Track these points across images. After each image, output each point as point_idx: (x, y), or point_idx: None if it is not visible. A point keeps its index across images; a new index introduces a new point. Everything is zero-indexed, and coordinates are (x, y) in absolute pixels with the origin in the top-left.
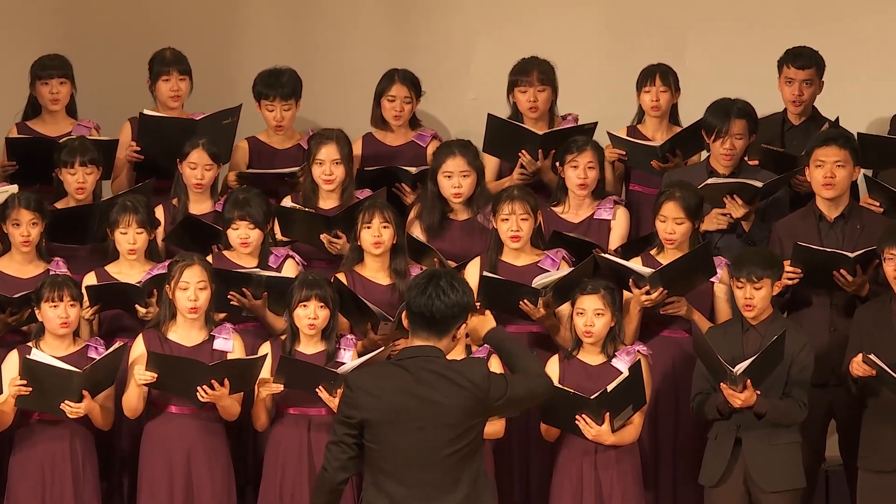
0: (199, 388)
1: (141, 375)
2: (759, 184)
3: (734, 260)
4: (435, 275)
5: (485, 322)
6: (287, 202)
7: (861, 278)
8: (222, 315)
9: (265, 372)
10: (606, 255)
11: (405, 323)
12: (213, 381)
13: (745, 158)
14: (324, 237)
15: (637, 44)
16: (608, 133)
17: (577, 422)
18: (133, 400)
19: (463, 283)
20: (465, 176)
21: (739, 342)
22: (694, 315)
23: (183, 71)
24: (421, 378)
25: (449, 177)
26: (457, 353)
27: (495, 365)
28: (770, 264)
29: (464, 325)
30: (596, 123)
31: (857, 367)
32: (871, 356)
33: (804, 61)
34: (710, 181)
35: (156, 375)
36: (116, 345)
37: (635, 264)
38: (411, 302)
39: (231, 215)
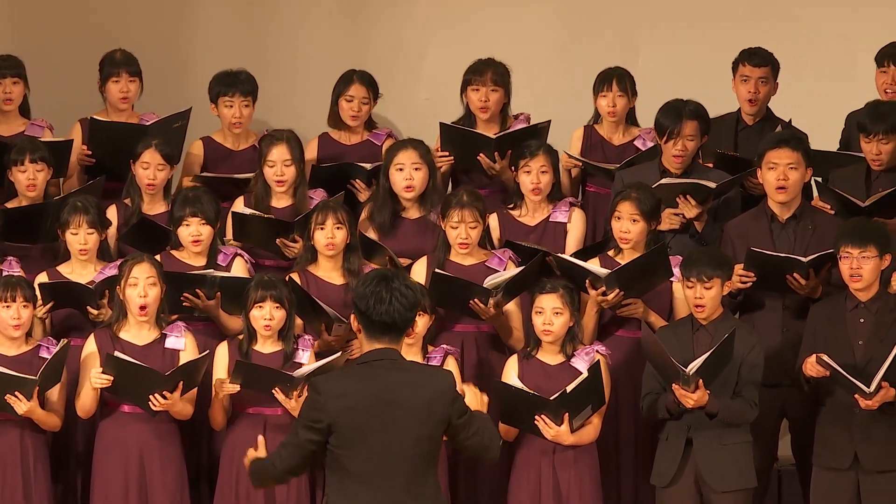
0: (151, 396)
1: (97, 379)
2: (712, 185)
3: (684, 260)
4: (385, 278)
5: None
6: (240, 203)
7: (814, 281)
8: (175, 315)
9: (222, 372)
10: (563, 256)
11: (355, 326)
12: (157, 395)
13: (699, 160)
14: (279, 241)
15: (590, 44)
16: (565, 152)
17: (536, 422)
18: (88, 401)
19: (412, 282)
20: (416, 169)
21: (689, 342)
22: (650, 316)
23: (133, 72)
24: (389, 381)
25: (401, 169)
26: (414, 355)
27: (451, 364)
28: (720, 264)
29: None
30: (549, 122)
31: (811, 367)
32: (825, 357)
33: (760, 59)
34: (663, 181)
35: (112, 378)
36: (62, 342)
37: (592, 265)
38: (369, 311)
39: (182, 212)
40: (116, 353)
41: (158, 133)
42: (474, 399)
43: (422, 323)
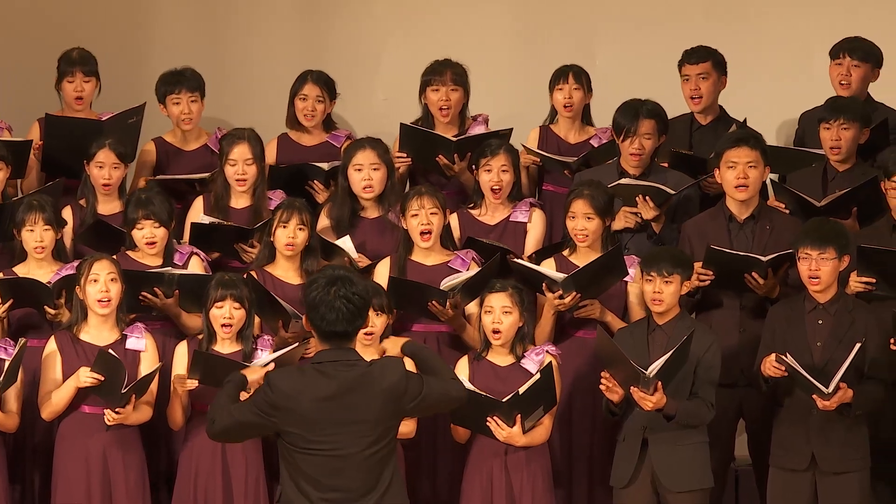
0: (106, 411)
1: (87, 377)
2: (671, 191)
3: (646, 256)
4: (334, 283)
5: (396, 343)
6: (198, 206)
7: (772, 281)
8: (133, 315)
9: (181, 369)
10: (519, 260)
11: (307, 325)
12: (109, 411)
13: (656, 159)
14: (237, 246)
15: (547, 45)
16: (522, 145)
17: (488, 424)
18: (61, 405)
19: (361, 285)
20: (375, 169)
21: (645, 343)
22: (607, 317)
23: (88, 72)
24: (337, 383)
25: (359, 170)
26: (370, 355)
27: (409, 365)
28: (681, 262)
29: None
30: (510, 130)
31: (770, 367)
32: (785, 356)
33: (698, 56)
34: (622, 181)
35: (102, 378)
36: (20, 343)
37: (548, 269)
38: (320, 313)
39: (135, 215)
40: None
41: (114, 129)
42: (394, 349)
43: (380, 323)
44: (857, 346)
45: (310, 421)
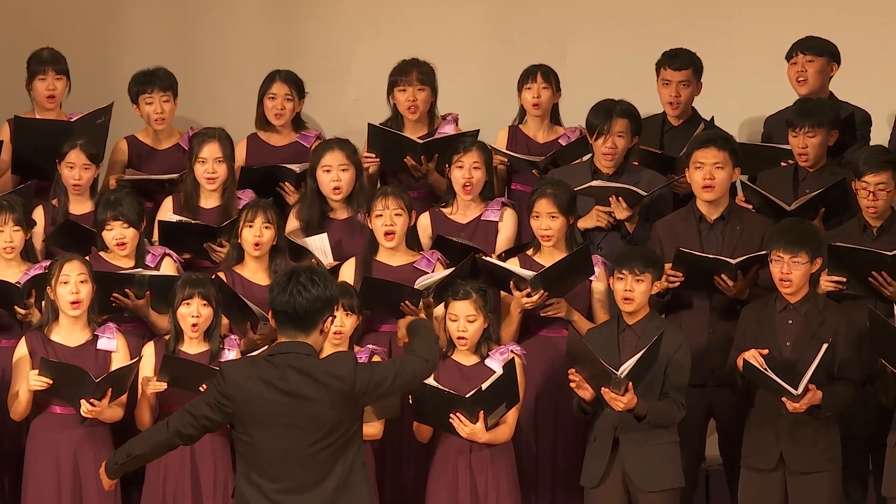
0: (81, 401)
1: (35, 381)
2: (644, 193)
3: (618, 255)
4: (295, 271)
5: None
6: (167, 206)
7: (742, 283)
8: (104, 316)
9: (149, 371)
10: (487, 259)
11: (272, 321)
12: (85, 400)
13: (630, 159)
14: (206, 245)
15: (517, 45)
16: (490, 146)
17: (451, 420)
18: (23, 405)
19: (324, 278)
20: (343, 170)
21: (615, 342)
22: (574, 315)
23: (60, 71)
24: (287, 375)
25: (328, 171)
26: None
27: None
28: (652, 262)
29: (330, 319)
30: (477, 131)
31: (751, 356)
32: (759, 358)
33: (680, 63)
34: (595, 183)
35: (50, 382)
36: None
37: (516, 267)
38: (274, 300)
39: (104, 216)
40: (45, 357)
41: (82, 130)
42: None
43: (350, 323)
44: (824, 346)
45: (260, 412)
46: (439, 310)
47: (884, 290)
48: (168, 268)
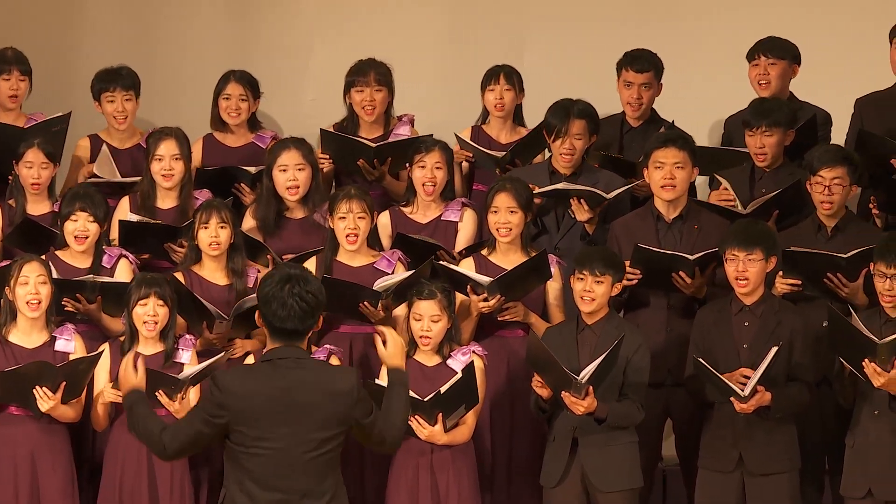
0: (38, 390)
1: None
2: (607, 196)
3: (578, 255)
4: (289, 281)
5: (396, 354)
6: (125, 206)
7: (699, 280)
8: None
9: (104, 372)
10: (444, 263)
11: (260, 321)
12: (45, 389)
13: (587, 159)
14: (167, 246)
15: (476, 45)
16: (455, 135)
17: (410, 422)
18: None
19: (315, 284)
20: (299, 170)
21: (574, 343)
22: (531, 318)
23: (23, 71)
24: (292, 381)
25: (284, 170)
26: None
27: (334, 363)
28: (613, 264)
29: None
30: (431, 136)
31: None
32: (700, 360)
33: (642, 65)
34: (558, 186)
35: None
36: None
37: (473, 272)
38: (275, 310)
39: (71, 207)
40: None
41: (38, 135)
42: (394, 343)
43: None
44: (774, 349)
45: (257, 419)
46: (399, 311)
47: (839, 291)
48: (124, 269)
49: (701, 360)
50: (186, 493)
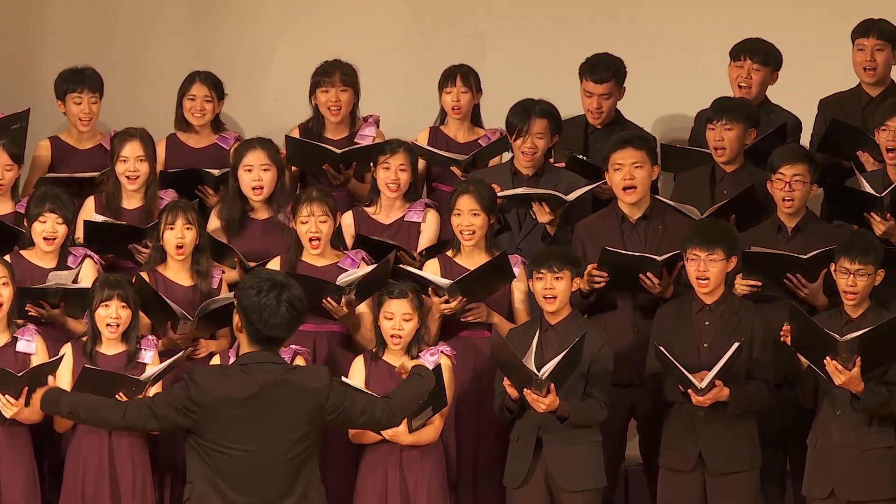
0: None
1: None
2: (567, 199)
3: (535, 256)
4: (278, 287)
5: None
6: (90, 206)
7: (666, 281)
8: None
9: (66, 373)
10: (404, 266)
11: (237, 324)
12: (8, 396)
13: (551, 160)
14: (132, 247)
15: (438, 46)
16: (412, 143)
17: None
18: None
19: (299, 289)
20: (265, 170)
21: (538, 343)
22: (494, 318)
23: None
24: (263, 383)
25: (249, 170)
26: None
27: (300, 363)
28: (570, 259)
29: None
30: (397, 140)
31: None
32: (662, 349)
33: (601, 74)
34: (519, 190)
35: None
36: None
37: (433, 275)
38: (261, 318)
39: (41, 208)
40: None
41: (1, 135)
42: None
43: None
44: (735, 345)
45: (231, 420)
46: (363, 308)
47: (798, 291)
48: (89, 269)
49: (662, 348)
50: (148, 493)
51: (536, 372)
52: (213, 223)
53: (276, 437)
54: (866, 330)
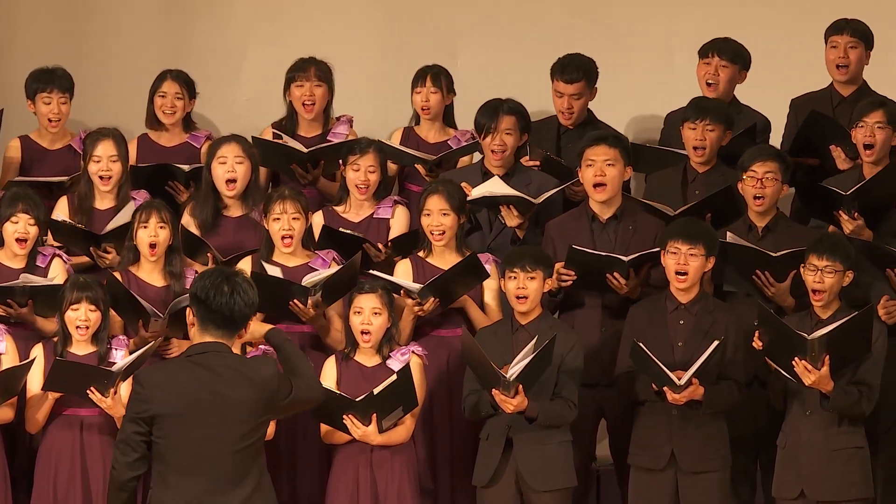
0: None
1: None
2: (535, 201)
3: (507, 255)
4: (227, 274)
5: (262, 327)
6: (63, 205)
7: (634, 281)
8: None
9: (38, 373)
10: (375, 272)
11: (190, 319)
12: None
13: (522, 160)
14: (92, 250)
15: (410, 46)
16: (384, 143)
17: (345, 421)
18: None
19: (251, 283)
20: (239, 163)
21: (509, 343)
22: (468, 304)
23: None
24: (215, 373)
25: (223, 162)
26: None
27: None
28: (542, 260)
29: (248, 323)
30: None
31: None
32: (640, 344)
33: (571, 74)
34: (486, 193)
35: None
36: None
37: (404, 280)
38: (209, 300)
39: (13, 209)
40: None
41: None
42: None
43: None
44: (716, 343)
45: (181, 411)
46: (332, 310)
47: (766, 290)
48: (58, 268)
49: (641, 344)
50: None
51: (504, 374)
52: (186, 220)
53: (227, 426)
54: (834, 325)
